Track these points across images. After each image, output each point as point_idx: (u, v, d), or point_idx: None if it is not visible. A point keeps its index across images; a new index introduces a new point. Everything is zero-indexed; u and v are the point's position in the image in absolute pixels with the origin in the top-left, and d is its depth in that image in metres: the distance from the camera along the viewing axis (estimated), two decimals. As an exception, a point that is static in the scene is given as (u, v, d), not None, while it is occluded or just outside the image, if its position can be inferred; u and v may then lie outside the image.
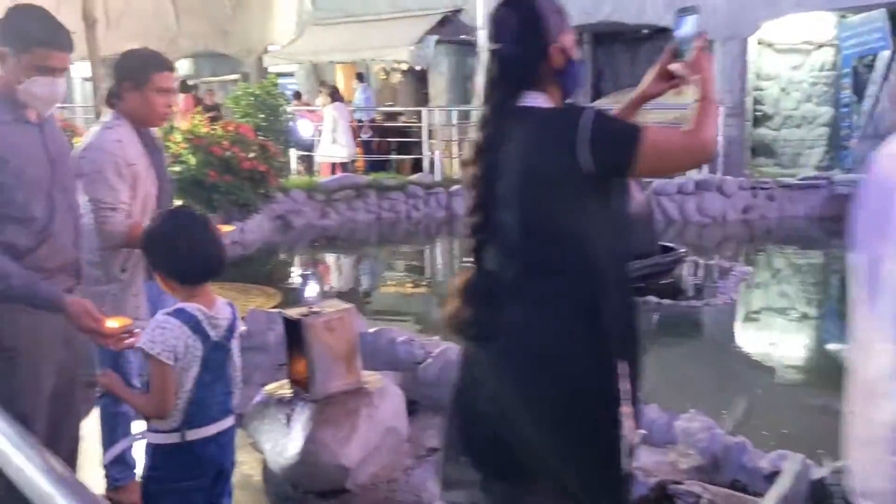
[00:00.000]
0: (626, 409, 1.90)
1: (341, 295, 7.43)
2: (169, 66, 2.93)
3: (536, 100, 1.97)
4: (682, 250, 7.57)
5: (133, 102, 2.85)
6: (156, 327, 2.12)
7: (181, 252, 2.18)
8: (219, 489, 2.24)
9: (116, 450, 2.19)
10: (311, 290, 8.35)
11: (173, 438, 2.16)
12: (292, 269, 9.46)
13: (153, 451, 2.19)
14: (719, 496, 2.57)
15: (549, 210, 1.91)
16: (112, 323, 2.27)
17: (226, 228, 3.09)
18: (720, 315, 6.68)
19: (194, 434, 2.16)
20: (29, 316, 2.27)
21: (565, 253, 1.91)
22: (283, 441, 3.18)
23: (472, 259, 2.06)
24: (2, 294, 2.20)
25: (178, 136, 8.92)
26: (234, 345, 2.27)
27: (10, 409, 1.60)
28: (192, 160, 8.80)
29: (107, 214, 2.74)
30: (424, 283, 8.85)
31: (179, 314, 2.13)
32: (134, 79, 2.84)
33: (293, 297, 7.35)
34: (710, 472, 2.95)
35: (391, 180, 11.55)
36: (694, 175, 10.57)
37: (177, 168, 9.22)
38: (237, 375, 2.29)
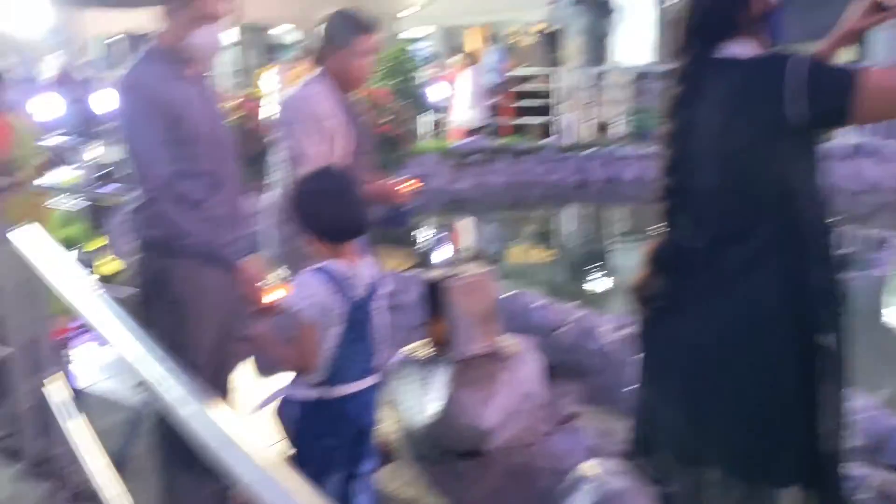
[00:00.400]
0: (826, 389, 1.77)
1: (472, 259, 7.45)
2: (371, 29, 2.92)
3: (737, 49, 1.84)
4: (832, 219, 7.11)
5: (335, 63, 2.87)
6: (299, 284, 2.17)
7: (326, 211, 2.21)
8: (360, 448, 2.27)
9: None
10: (443, 253, 8.41)
11: (315, 394, 2.20)
12: (425, 231, 9.56)
13: (298, 405, 2.25)
14: (885, 480, 2.41)
15: (750, 169, 1.78)
16: (271, 296, 2.34)
17: (412, 186, 3.05)
18: (875, 288, 6.25)
19: (336, 391, 2.20)
20: (198, 270, 2.39)
21: (765, 218, 1.78)
22: (421, 401, 3.22)
23: (662, 225, 1.96)
24: (183, 249, 2.33)
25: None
26: (378, 305, 2.29)
27: (176, 359, 1.68)
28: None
29: (300, 166, 2.75)
30: (555, 249, 8.74)
31: (322, 272, 2.17)
32: (337, 40, 2.86)
33: (426, 259, 7.43)
34: (871, 454, 2.77)
35: (523, 144, 11.43)
36: (846, 138, 9.88)
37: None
38: (381, 335, 2.31)
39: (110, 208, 6.24)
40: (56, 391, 2.95)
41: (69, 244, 6.21)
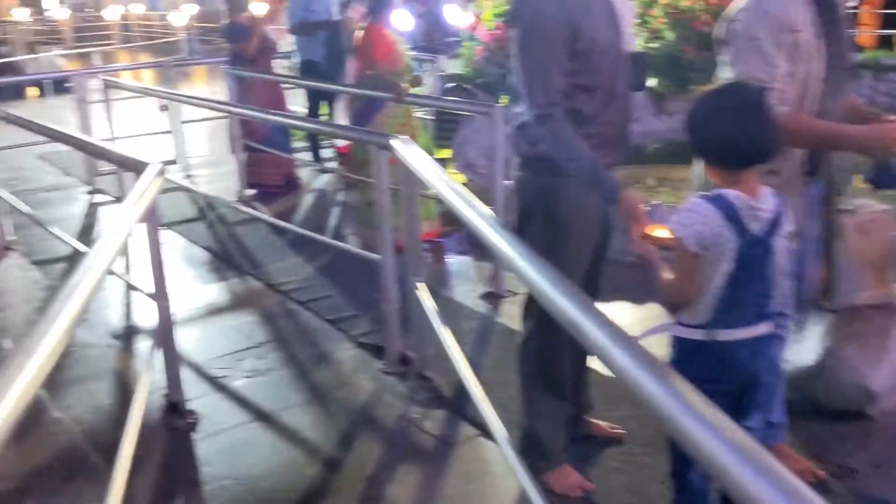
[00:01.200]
0: None
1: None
2: None
3: None
4: None
5: None
6: (687, 210, 1.96)
7: (724, 132, 1.94)
8: (749, 399, 2.04)
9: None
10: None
11: (700, 335, 2.01)
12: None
13: (679, 344, 2.08)
14: None
15: None
16: (661, 231, 2.15)
17: None
18: None
19: (723, 335, 1.98)
20: (581, 194, 2.28)
21: None
22: (792, 349, 2.89)
23: None
24: (569, 171, 2.23)
25: (658, 11, 8.63)
26: (779, 242, 2.01)
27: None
28: (670, 36, 8.49)
29: None
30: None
31: (715, 200, 1.94)
32: None
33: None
34: None
35: (890, 59, 9.92)
36: None
37: (654, 45, 9.00)
38: (781, 278, 2.03)
39: (455, 121, 6.45)
40: (421, 295, 3.08)
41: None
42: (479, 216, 2.04)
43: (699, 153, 2.04)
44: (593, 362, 2.74)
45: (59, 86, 12.81)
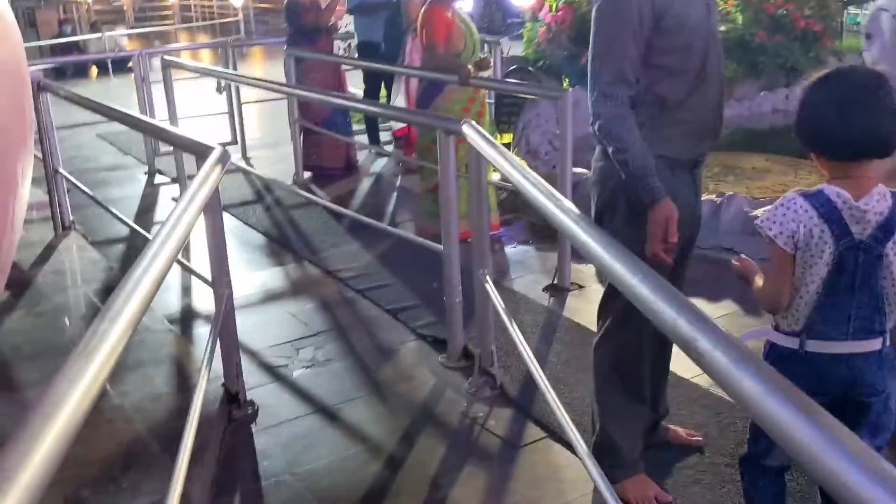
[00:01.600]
0: None
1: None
2: None
3: None
4: None
5: None
6: (779, 205, 1.80)
7: (829, 120, 1.76)
8: (852, 418, 1.85)
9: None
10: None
11: (791, 343, 1.84)
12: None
13: (769, 349, 1.92)
14: None
15: None
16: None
17: None
18: None
19: (815, 346, 1.81)
20: (669, 185, 2.10)
21: None
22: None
23: None
24: (617, 161, 2.08)
25: (729, -8, 8.32)
26: (892, 250, 1.81)
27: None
28: (740, 19, 8.18)
29: None
30: None
31: (813, 196, 1.76)
32: None
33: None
34: None
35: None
36: None
37: (723, 28, 8.69)
38: (893, 290, 1.83)
39: (516, 105, 6.28)
40: (488, 288, 2.95)
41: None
42: (562, 210, 1.90)
43: (804, 142, 1.86)
44: (674, 364, 2.59)
45: (121, 65, 12.99)
